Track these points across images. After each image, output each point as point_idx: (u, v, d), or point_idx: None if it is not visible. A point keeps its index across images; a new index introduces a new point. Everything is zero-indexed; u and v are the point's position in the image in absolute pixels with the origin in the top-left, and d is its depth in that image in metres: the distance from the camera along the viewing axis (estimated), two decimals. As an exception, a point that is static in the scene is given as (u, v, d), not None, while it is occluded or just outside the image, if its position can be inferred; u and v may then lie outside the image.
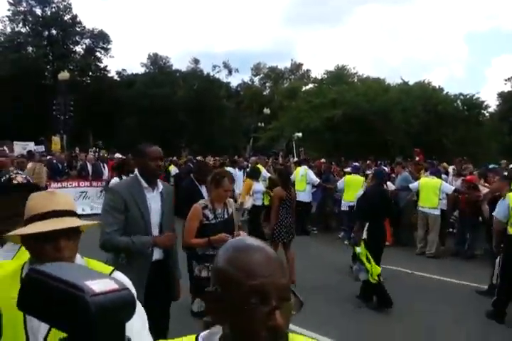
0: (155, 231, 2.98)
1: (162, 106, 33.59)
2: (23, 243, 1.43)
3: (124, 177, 6.93)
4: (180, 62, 69.98)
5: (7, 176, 2.00)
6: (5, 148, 18.24)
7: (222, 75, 42.52)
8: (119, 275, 1.47)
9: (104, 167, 12.76)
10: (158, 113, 33.13)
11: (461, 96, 30.30)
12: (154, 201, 3.00)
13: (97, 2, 67.85)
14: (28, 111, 29.91)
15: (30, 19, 37.03)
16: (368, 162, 15.22)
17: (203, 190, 5.20)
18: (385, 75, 61.73)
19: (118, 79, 40.11)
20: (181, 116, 34.34)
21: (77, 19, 38.33)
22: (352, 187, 8.77)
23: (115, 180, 6.96)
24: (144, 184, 2.98)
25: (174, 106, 34.39)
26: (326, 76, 35.70)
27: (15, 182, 1.95)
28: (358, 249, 5.01)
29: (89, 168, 12.47)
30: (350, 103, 28.87)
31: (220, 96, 38.60)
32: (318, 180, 10.04)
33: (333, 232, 10.13)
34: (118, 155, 15.57)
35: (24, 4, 36.83)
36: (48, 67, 36.39)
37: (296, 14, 69.49)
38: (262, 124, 32.66)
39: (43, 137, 25.08)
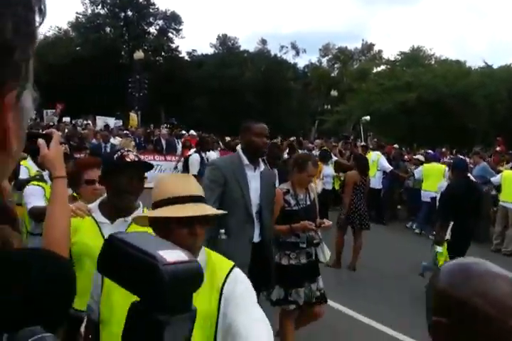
0: (253, 211, 2.91)
1: (230, 87, 33.86)
2: (151, 225, 1.40)
3: (203, 154, 7.10)
4: (248, 43, 70.16)
5: (118, 153, 1.92)
6: (89, 121, 19.59)
7: (289, 56, 41.95)
8: (238, 271, 1.42)
9: (178, 143, 13.18)
10: (226, 93, 33.47)
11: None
12: (254, 180, 2.94)
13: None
14: (106, 88, 31.45)
15: (109, 1, 38.53)
16: (443, 149, 14.30)
17: (275, 172, 5.02)
18: (466, 58, 57.28)
19: (188, 59, 40.89)
20: (249, 97, 34.44)
21: (151, 1, 39.35)
22: (432, 176, 8.32)
23: (195, 156, 6.98)
24: (246, 161, 2.91)
25: (242, 87, 34.53)
26: (399, 57, 33.94)
27: (127, 159, 1.88)
28: (439, 249, 4.60)
29: (163, 143, 12.94)
30: (427, 86, 27.28)
31: (287, 77, 38.11)
32: (391, 168, 9.54)
33: (401, 221, 9.72)
34: (192, 132, 15.91)
35: (103, -14, 38.35)
36: (124, 46, 37.88)
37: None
38: (329, 107, 31.90)
39: (119, 112, 26.37)
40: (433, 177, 8.21)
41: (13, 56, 0.35)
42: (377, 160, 9.36)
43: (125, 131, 14.63)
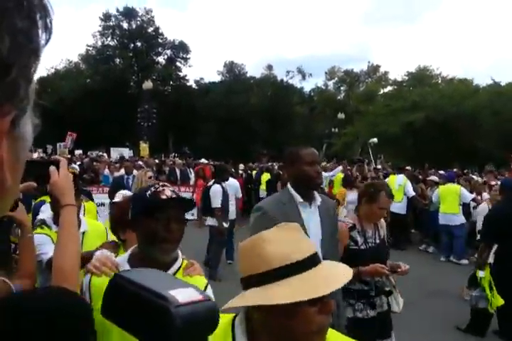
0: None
1: (237, 113, 34.25)
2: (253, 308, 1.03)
3: (223, 184, 6.65)
4: (255, 69, 71.20)
5: (151, 189, 1.50)
6: (104, 153, 19.99)
7: (295, 81, 42.42)
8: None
9: (190, 172, 12.91)
10: (233, 120, 33.83)
11: None
12: (313, 218, 2.44)
13: (177, 14, 71.40)
14: (115, 120, 32.07)
15: (118, 33, 39.81)
16: (454, 170, 14.12)
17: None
18: (473, 76, 56.95)
19: (196, 87, 41.63)
20: (255, 123, 34.73)
21: (160, 31, 40.53)
22: (448, 198, 8.05)
23: (216, 187, 6.53)
24: (299, 198, 2.40)
25: (248, 113, 34.91)
26: (406, 78, 34.06)
27: (163, 196, 1.47)
28: (481, 273, 4.41)
29: (178, 173, 12.58)
30: (434, 106, 27.20)
31: (293, 102, 38.43)
32: (414, 193, 9.11)
33: (414, 244, 9.41)
34: (204, 160, 15.67)
35: (113, 19, 39.72)
36: (133, 77, 38.83)
37: (372, 13, 67.53)
38: (336, 130, 31.90)
39: (128, 143, 26.72)
40: (450, 199, 7.96)
41: (10, 74, 0.32)
42: (404, 185, 8.95)
43: (139, 162, 14.17)
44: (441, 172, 11.40)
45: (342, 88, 43.21)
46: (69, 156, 15.63)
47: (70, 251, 1.38)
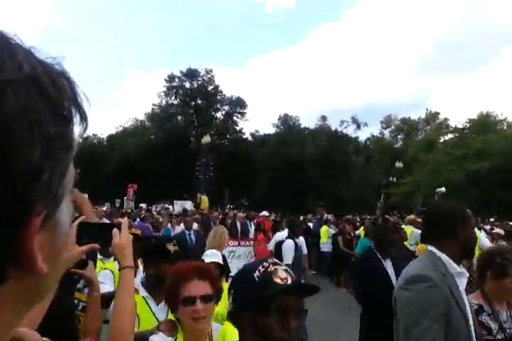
0: None
1: (292, 164, 34.58)
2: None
3: (296, 240, 6.09)
4: (309, 120, 72.56)
5: (260, 268, 1.18)
6: (169, 206, 20.71)
7: (350, 130, 42.50)
8: None
9: (250, 225, 12.50)
10: (288, 171, 34.10)
11: None
12: (464, 292, 2.03)
13: (235, 71, 76.05)
14: (175, 173, 33.61)
15: (181, 92, 42.92)
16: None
17: (388, 264, 3.67)
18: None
19: (252, 140, 43.00)
20: (310, 173, 34.72)
21: (219, 88, 43.19)
22: None
23: (289, 242, 5.96)
24: (457, 267, 1.96)
25: (303, 163, 35.10)
26: (467, 125, 32.83)
27: (278, 280, 1.14)
28: None
29: (239, 226, 12.10)
30: (500, 153, 25.69)
31: (348, 151, 38.24)
32: (490, 245, 8.42)
33: None
34: (265, 213, 15.08)
35: (176, 80, 43.07)
36: (193, 132, 41.06)
37: (431, 61, 67.25)
38: (394, 179, 30.89)
39: (187, 195, 27.62)
40: None
41: (41, 178, 0.33)
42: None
43: (196, 215, 12.86)
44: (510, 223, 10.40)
45: (399, 136, 42.46)
46: (131, 210, 16.11)
47: (128, 313, 1.44)
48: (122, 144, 35.72)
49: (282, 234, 7.33)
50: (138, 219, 11.39)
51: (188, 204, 20.57)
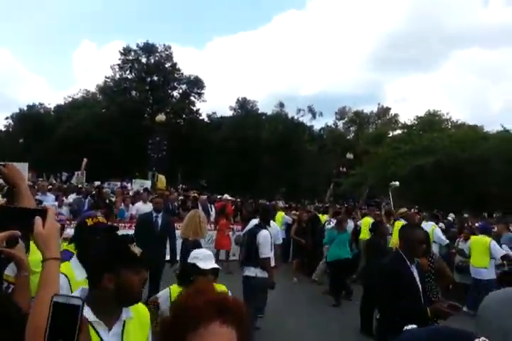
0: None
1: (247, 148, 34.60)
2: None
3: (268, 227, 5.50)
4: (266, 106, 72.74)
5: None
6: (127, 184, 19.25)
7: (306, 119, 43.15)
8: None
9: (211, 208, 11.86)
10: (243, 155, 34.12)
11: None
12: None
13: (194, 52, 74.17)
14: (126, 149, 32.52)
15: (137, 67, 41.21)
16: (465, 215, 13.93)
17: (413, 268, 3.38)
18: (483, 122, 57.38)
19: (208, 121, 42.43)
20: (265, 159, 35.00)
21: (177, 66, 41.93)
22: (477, 250, 7.68)
23: (266, 233, 5.32)
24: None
25: (259, 148, 35.27)
26: (415, 122, 34.47)
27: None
28: None
29: (200, 209, 11.07)
30: (444, 151, 27.27)
31: (303, 139, 38.91)
32: (447, 241, 8.53)
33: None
34: (226, 196, 14.46)
35: (132, 53, 41.25)
36: (148, 109, 39.76)
37: (386, 57, 69.49)
38: (344, 169, 31.94)
39: (138, 173, 26.83)
40: (479, 251, 7.64)
41: None
42: (433, 233, 8.14)
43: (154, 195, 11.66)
44: (479, 223, 10.70)
45: (352, 128, 43.79)
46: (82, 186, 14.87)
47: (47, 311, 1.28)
48: (70, 115, 33.80)
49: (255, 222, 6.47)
50: (89, 197, 10.47)
51: (149, 184, 19.17)
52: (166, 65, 41.86)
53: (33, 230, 1.32)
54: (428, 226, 8.33)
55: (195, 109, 41.48)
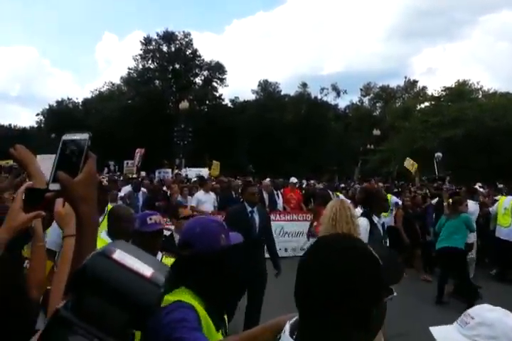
0: None
1: (271, 130, 34.57)
2: None
3: (373, 218, 4.18)
4: (289, 87, 71.81)
5: None
6: (180, 171, 17.44)
7: (330, 98, 42.48)
8: None
9: (278, 196, 9.99)
10: (267, 137, 34.15)
11: None
12: None
13: (214, 37, 73.80)
14: (153, 138, 33.24)
15: (158, 56, 41.61)
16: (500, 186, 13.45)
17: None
18: (516, 89, 54.25)
19: (231, 106, 42.55)
20: (290, 140, 34.91)
21: (197, 53, 42.05)
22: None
23: (364, 222, 3.98)
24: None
25: (283, 130, 35.17)
26: (444, 93, 33.25)
27: None
28: None
29: (266, 197, 9.42)
30: (474, 121, 26.32)
31: (327, 118, 38.40)
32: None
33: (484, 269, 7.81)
34: (293, 179, 11.62)
35: (153, 43, 41.63)
36: (172, 97, 40.27)
37: (410, 29, 66.79)
38: (372, 146, 31.43)
39: (166, 161, 27.41)
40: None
41: None
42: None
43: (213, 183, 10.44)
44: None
45: (378, 104, 42.75)
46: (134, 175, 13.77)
47: (62, 284, 1.29)
48: (98, 108, 34.77)
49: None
50: (143, 189, 9.06)
51: (204, 172, 16.93)
52: (187, 52, 42.04)
53: (53, 209, 1.43)
54: (507, 200, 7.74)
55: (217, 94, 41.68)
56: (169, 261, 2.54)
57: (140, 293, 0.52)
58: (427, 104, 34.49)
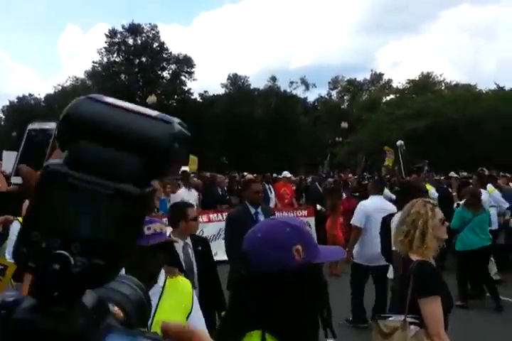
0: None
1: (241, 125, 34.48)
2: None
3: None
4: (258, 81, 71.66)
5: None
6: None
7: (299, 91, 42.69)
8: None
9: (270, 190, 9.38)
10: (237, 132, 34.06)
11: None
12: None
13: (181, 29, 72.61)
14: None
15: (124, 49, 40.58)
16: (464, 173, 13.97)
17: None
18: (477, 81, 56.07)
19: (200, 100, 42.12)
20: (260, 134, 34.95)
21: (165, 46, 41.25)
22: None
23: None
24: None
25: (252, 124, 35.15)
26: (408, 85, 34.07)
27: None
28: None
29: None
30: (437, 113, 27.10)
31: (296, 112, 38.63)
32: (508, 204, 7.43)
33: None
34: (286, 173, 11.53)
35: (118, 36, 40.55)
36: (139, 92, 39.45)
37: (375, 23, 67.77)
38: (340, 139, 31.89)
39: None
40: None
41: None
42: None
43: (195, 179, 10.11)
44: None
45: (345, 97, 43.34)
46: None
47: None
48: (61, 104, 33.69)
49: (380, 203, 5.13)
50: None
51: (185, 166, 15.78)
52: (154, 45, 41.19)
53: (21, 213, 1.42)
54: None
55: (186, 88, 41.12)
56: (178, 283, 2.10)
57: (146, 129, 0.41)
58: (392, 96, 35.27)
